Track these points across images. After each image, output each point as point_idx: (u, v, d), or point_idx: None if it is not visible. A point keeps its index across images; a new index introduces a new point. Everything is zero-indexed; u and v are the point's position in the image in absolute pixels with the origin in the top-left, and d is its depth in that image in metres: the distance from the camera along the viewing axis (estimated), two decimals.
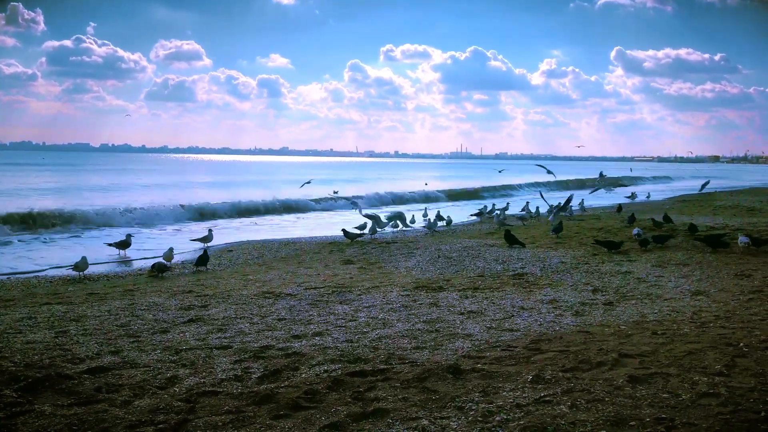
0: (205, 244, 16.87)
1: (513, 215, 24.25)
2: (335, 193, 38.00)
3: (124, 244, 15.97)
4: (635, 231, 16.52)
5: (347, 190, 40.93)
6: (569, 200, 23.65)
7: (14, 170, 73.41)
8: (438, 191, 43.75)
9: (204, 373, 6.15)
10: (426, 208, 25.28)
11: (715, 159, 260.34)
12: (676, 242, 15.57)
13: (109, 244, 16.11)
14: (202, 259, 13.64)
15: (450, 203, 37.84)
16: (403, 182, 58.86)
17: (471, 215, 25.80)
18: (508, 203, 27.85)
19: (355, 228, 18.52)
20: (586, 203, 27.11)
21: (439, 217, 21.58)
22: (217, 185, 51.74)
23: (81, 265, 12.41)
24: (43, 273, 13.24)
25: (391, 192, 40.51)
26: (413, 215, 22.59)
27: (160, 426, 4.89)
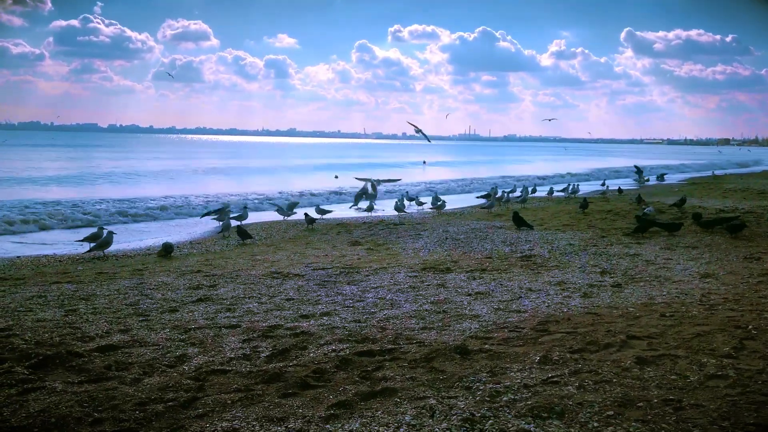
0: (240, 222, 16.94)
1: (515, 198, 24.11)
2: (336, 178, 38.04)
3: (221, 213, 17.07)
4: (648, 209, 16.52)
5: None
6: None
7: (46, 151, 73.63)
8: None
9: (213, 352, 6.19)
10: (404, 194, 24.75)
11: (726, 142, 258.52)
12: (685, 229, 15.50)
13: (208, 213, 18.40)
14: (243, 233, 14.68)
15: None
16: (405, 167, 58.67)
17: (478, 197, 25.71)
18: (515, 185, 27.80)
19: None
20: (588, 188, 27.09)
21: (436, 199, 21.62)
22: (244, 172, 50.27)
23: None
24: (55, 251, 13.30)
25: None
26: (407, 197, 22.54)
27: (170, 403, 4.93)
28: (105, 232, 13.13)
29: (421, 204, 22.12)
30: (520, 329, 6.88)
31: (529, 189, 26.07)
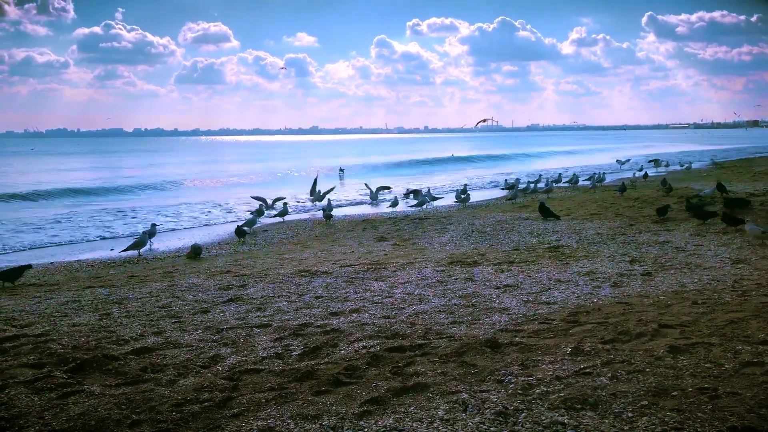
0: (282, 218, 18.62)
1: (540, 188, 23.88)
2: (341, 171, 38.12)
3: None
4: (705, 191, 16.76)
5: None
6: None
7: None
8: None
9: (245, 352, 6.26)
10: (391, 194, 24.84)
11: (755, 124, 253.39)
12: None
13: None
14: (240, 232, 15.42)
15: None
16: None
17: (502, 188, 25.54)
18: (541, 175, 27.59)
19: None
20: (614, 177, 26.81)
21: (462, 192, 21.72)
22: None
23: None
24: (88, 257, 13.52)
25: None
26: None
27: (206, 404, 5.00)
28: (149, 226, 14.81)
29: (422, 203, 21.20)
30: (551, 321, 6.85)
31: (554, 178, 25.87)
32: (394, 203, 20.68)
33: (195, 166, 57.92)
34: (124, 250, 13.88)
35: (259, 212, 18.97)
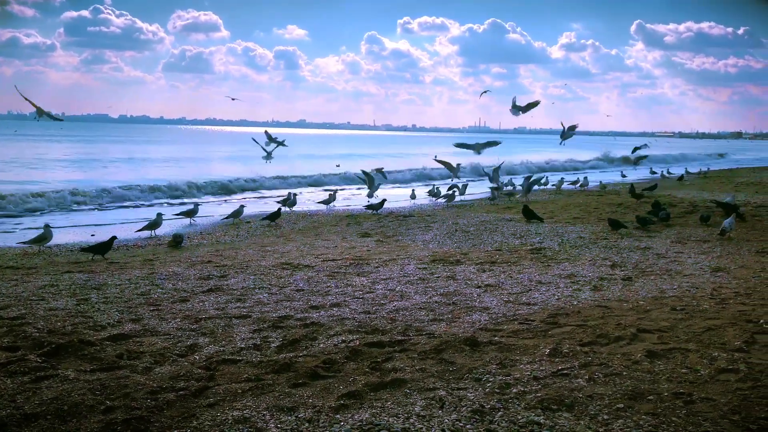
0: (290, 208, 18.31)
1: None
2: (337, 166, 37.93)
3: (190, 213, 17.02)
4: (729, 197, 17.19)
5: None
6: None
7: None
8: None
9: (224, 342, 6.22)
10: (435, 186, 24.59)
11: (738, 135, 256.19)
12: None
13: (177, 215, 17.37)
14: (276, 215, 16.25)
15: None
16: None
17: (490, 187, 25.56)
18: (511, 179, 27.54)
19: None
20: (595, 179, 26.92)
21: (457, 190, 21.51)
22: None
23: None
24: (64, 242, 13.37)
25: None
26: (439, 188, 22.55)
27: (181, 392, 4.97)
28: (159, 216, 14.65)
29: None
30: (530, 322, 6.88)
31: (541, 180, 25.83)
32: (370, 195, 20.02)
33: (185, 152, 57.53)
34: (140, 230, 14.53)
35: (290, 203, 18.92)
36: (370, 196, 19.80)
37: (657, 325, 6.62)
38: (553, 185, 26.75)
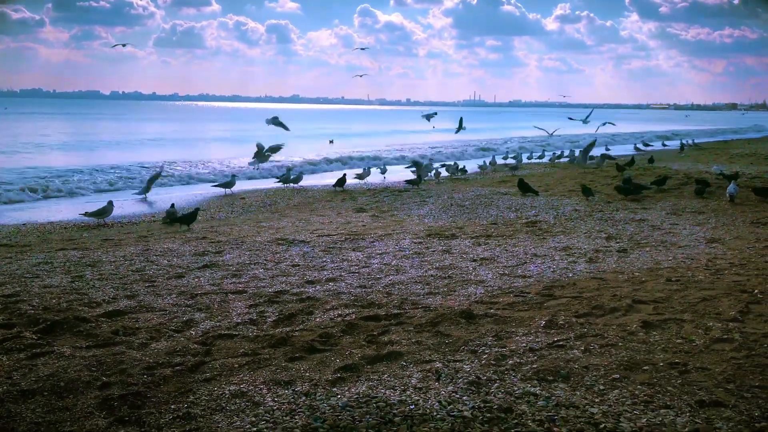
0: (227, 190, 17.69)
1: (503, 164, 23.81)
2: (331, 143, 37.67)
3: (228, 184, 17.67)
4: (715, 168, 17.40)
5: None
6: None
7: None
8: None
9: (220, 317, 6.22)
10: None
11: (733, 107, 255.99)
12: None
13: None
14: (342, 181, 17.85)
15: None
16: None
17: (479, 166, 25.50)
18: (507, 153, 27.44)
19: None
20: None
21: (456, 169, 21.25)
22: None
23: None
24: (58, 219, 13.31)
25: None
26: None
27: (177, 367, 4.96)
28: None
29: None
30: (526, 294, 6.89)
31: (535, 154, 25.78)
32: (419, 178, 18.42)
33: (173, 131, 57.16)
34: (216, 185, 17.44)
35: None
36: (419, 181, 18.62)
37: (652, 296, 6.64)
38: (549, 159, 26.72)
